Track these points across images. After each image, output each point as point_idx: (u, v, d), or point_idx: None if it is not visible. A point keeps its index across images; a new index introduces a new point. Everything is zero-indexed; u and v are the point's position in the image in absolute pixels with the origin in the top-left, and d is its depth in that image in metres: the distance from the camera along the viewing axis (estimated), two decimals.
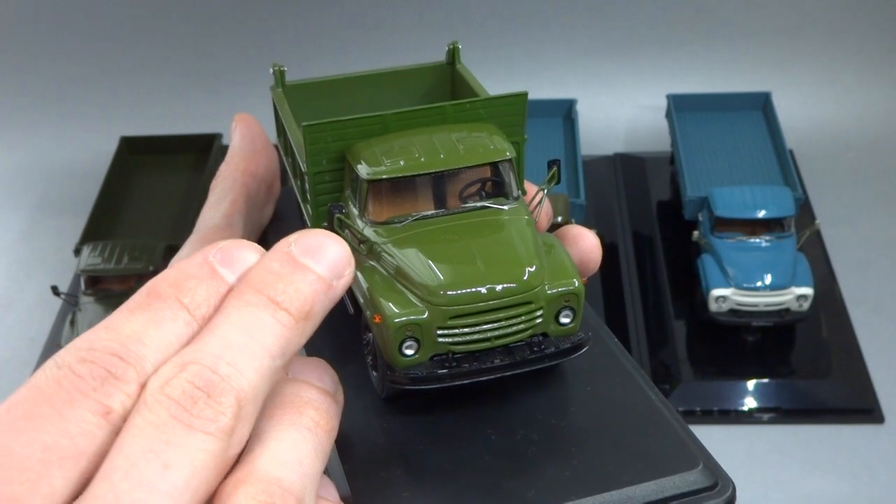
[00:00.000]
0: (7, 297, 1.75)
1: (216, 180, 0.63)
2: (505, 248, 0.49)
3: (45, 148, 2.04)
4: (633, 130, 1.99)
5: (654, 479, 0.45)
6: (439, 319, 0.47)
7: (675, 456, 0.47)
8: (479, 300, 0.47)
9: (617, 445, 0.47)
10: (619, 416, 0.49)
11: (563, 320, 0.49)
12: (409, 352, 0.47)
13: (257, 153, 0.65)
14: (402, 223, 0.50)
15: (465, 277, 0.47)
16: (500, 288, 0.47)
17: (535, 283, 0.48)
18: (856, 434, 1.43)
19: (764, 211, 1.51)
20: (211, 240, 0.57)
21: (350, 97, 0.62)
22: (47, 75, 2.10)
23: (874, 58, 2.05)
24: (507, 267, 0.48)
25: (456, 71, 0.63)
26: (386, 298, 0.47)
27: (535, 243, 0.50)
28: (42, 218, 1.91)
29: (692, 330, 1.58)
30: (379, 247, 0.49)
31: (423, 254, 0.48)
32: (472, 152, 0.51)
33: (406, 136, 0.52)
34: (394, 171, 0.50)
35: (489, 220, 0.51)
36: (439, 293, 0.47)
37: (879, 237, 1.76)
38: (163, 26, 2.09)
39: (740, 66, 2.04)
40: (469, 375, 0.47)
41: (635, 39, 2.07)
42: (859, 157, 1.92)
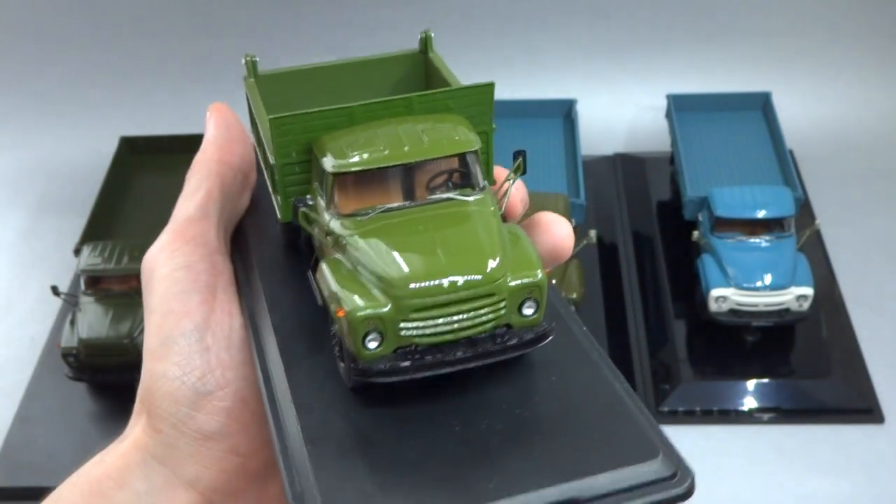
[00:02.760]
0: (7, 297, 1.75)
1: (191, 171, 0.62)
2: (468, 240, 0.49)
3: (45, 148, 2.04)
4: (633, 130, 1.99)
5: (612, 470, 0.45)
6: (402, 312, 0.46)
7: (635, 446, 0.47)
8: (441, 293, 0.47)
9: (578, 436, 0.47)
10: (581, 406, 0.49)
11: (525, 311, 0.49)
12: (372, 345, 0.47)
13: (232, 142, 0.64)
14: (367, 216, 0.50)
15: (427, 270, 0.47)
16: (462, 280, 0.47)
17: (498, 275, 0.48)
18: (856, 434, 1.43)
19: (764, 211, 1.51)
20: (185, 231, 0.57)
21: (323, 87, 0.62)
22: (47, 75, 2.10)
23: (874, 58, 2.05)
24: (469, 259, 0.48)
25: (429, 60, 0.63)
26: (349, 292, 0.47)
27: (499, 234, 0.50)
28: (42, 218, 1.91)
29: (692, 330, 1.58)
30: (344, 239, 0.49)
31: (387, 246, 0.48)
32: (437, 144, 0.51)
33: (372, 129, 0.52)
34: (358, 163, 0.50)
35: (454, 212, 0.51)
36: (401, 286, 0.46)
37: (879, 237, 1.76)
38: (163, 26, 2.09)
39: (740, 66, 2.04)
40: (432, 367, 0.47)
41: (635, 39, 2.07)
42: (859, 157, 1.92)
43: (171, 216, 0.60)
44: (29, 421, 1.50)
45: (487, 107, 0.55)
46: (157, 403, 0.54)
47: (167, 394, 0.53)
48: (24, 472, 1.42)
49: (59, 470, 1.62)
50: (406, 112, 0.53)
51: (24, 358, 1.60)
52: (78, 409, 1.50)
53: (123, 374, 1.44)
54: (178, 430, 0.54)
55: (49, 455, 1.44)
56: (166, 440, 0.54)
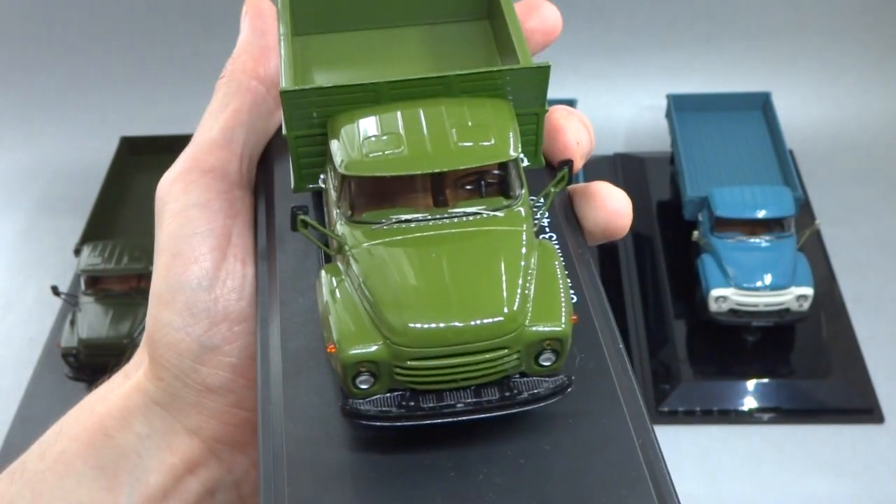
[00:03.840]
0: (7, 297, 1.75)
1: (221, 81, 0.56)
2: (486, 275, 0.42)
3: (45, 148, 2.04)
4: (633, 130, 1.99)
5: None
6: (397, 358, 0.41)
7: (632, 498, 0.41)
8: (444, 343, 0.40)
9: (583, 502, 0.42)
10: (594, 469, 0.43)
11: (542, 363, 0.43)
12: (363, 386, 0.41)
13: (267, 51, 0.56)
14: (378, 226, 0.43)
15: (432, 311, 0.41)
16: (470, 328, 0.40)
17: (512, 326, 0.41)
18: (856, 434, 1.43)
19: (764, 211, 1.51)
20: (204, 160, 0.53)
21: (367, 4, 0.53)
22: (47, 75, 2.09)
23: (874, 58, 2.05)
24: (484, 301, 0.41)
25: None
26: (341, 324, 0.41)
27: (525, 267, 0.43)
28: (42, 218, 1.91)
29: (692, 330, 1.58)
30: (349, 250, 0.43)
31: (392, 271, 0.42)
32: (468, 151, 0.44)
33: (395, 114, 0.45)
34: (372, 167, 0.43)
35: (477, 233, 0.44)
36: (399, 330, 0.40)
37: (879, 237, 1.76)
38: (163, 26, 2.09)
39: (740, 66, 2.04)
40: (426, 418, 0.42)
41: (635, 39, 2.07)
42: (859, 157, 1.92)
43: (195, 135, 0.54)
44: (29, 421, 1.50)
45: (541, 89, 0.47)
46: (159, 352, 0.51)
47: (170, 344, 0.50)
48: None
49: None
50: (442, 91, 0.46)
51: (24, 358, 1.60)
52: None
53: None
54: (181, 381, 0.51)
55: None
56: (168, 389, 0.51)
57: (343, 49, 0.53)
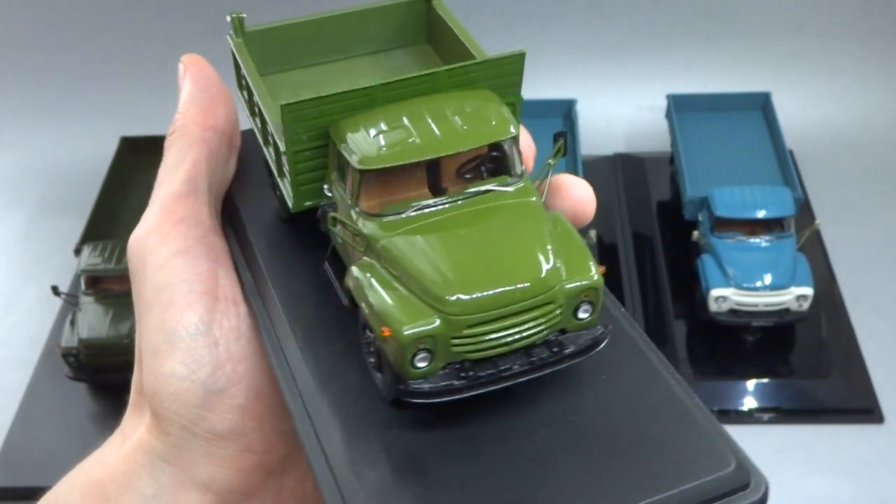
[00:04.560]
0: (7, 297, 1.75)
1: (171, 137, 0.56)
2: (517, 241, 0.45)
3: (45, 148, 2.04)
4: (633, 130, 1.99)
5: (689, 484, 0.42)
6: (454, 329, 0.43)
7: (708, 456, 0.44)
8: (496, 306, 0.43)
9: (646, 447, 0.44)
10: (642, 411, 0.46)
11: (581, 315, 0.46)
12: (421, 364, 0.43)
13: (215, 102, 0.57)
14: (401, 215, 0.46)
15: (479, 280, 0.43)
16: (517, 290, 0.43)
17: (554, 281, 0.44)
18: (856, 434, 1.43)
19: (764, 211, 1.51)
20: (174, 210, 0.53)
21: (315, 43, 0.57)
22: (47, 75, 2.09)
23: (874, 58, 2.05)
24: (522, 264, 0.44)
25: (432, 8, 0.57)
26: (393, 308, 0.43)
27: (548, 231, 0.46)
28: (42, 218, 1.91)
29: (692, 330, 1.58)
30: (379, 243, 0.45)
31: (430, 252, 0.44)
32: (474, 132, 0.47)
33: (396, 111, 0.47)
34: (389, 158, 0.45)
35: (496, 207, 0.46)
36: (452, 301, 0.42)
37: (879, 237, 1.76)
38: (163, 26, 2.09)
39: (740, 66, 2.04)
40: (488, 384, 0.43)
41: (635, 39, 2.07)
42: (859, 157, 1.92)
43: (155, 191, 0.55)
44: (29, 421, 1.50)
45: (517, 77, 0.51)
46: (164, 405, 0.50)
47: (175, 394, 0.49)
48: (24, 472, 1.42)
49: (59, 470, 1.62)
50: (431, 89, 0.48)
51: (24, 358, 1.60)
52: (78, 409, 1.50)
53: (123, 374, 1.43)
54: (189, 432, 0.50)
55: (49, 455, 1.44)
56: (176, 442, 0.50)
57: (306, 82, 0.56)
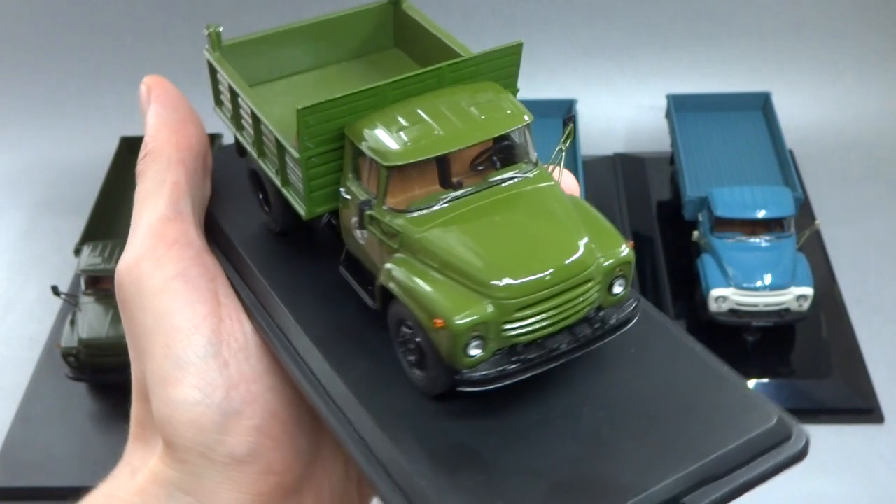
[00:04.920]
0: (7, 297, 1.75)
1: (145, 161, 0.55)
2: (550, 223, 0.46)
3: (45, 148, 2.04)
4: (633, 130, 1.99)
5: (738, 442, 0.44)
6: (506, 314, 0.43)
7: (750, 414, 0.46)
8: (544, 286, 0.44)
9: (689, 412, 0.45)
10: (677, 379, 0.47)
11: (616, 290, 0.47)
12: (475, 352, 0.43)
13: (185, 122, 0.56)
14: (432, 208, 0.46)
15: (524, 263, 0.44)
16: (561, 270, 0.44)
17: (592, 259, 0.45)
18: (856, 434, 1.43)
19: (764, 211, 1.51)
20: (164, 234, 0.52)
21: (287, 53, 0.58)
22: (47, 75, 2.10)
23: (874, 58, 2.05)
24: (560, 246, 0.45)
25: (402, 11, 0.59)
26: (442, 298, 0.43)
27: (574, 211, 0.47)
28: (42, 218, 1.91)
29: (692, 330, 1.56)
30: (414, 238, 0.45)
31: (469, 242, 0.45)
32: (494, 121, 0.48)
33: (410, 108, 0.48)
34: (416, 152, 0.46)
35: (521, 193, 0.47)
36: (502, 286, 0.43)
37: (879, 237, 1.76)
38: (163, 26, 2.09)
39: (740, 66, 2.04)
40: (540, 365, 0.44)
41: (635, 39, 2.07)
42: (859, 157, 1.92)
43: (136, 217, 0.53)
44: (29, 421, 1.50)
45: (515, 68, 0.52)
46: (179, 433, 0.48)
47: (190, 421, 0.48)
48: (24, 472, 1.42)
49: (59, 470, 1.62)
50: (437, 84, 0.50)
51: (24, 358, 1.60)
52: (78, 409, 1.50)
53: (123, 374, 1.43)
54: (207, 459, 0.48)
55: (49, 455, 1.44)
56: (194, 470, 0.49)
57: (283, 92, 0.57)
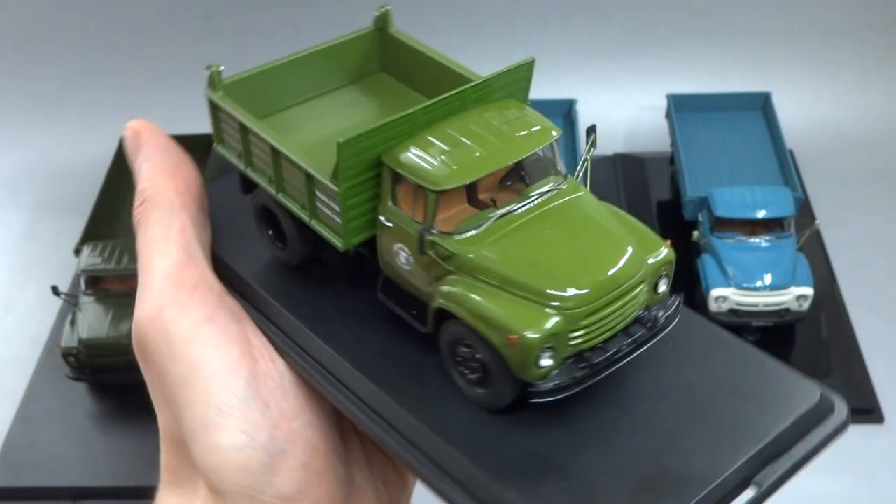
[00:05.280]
0: (7, 297, 1.75)
1: (143, 209, 0.54)
2: (597, 232, 0.48)
3: (45, 148, 2.04)
4: (633, 130, 1.99)
5: (791, 420, 0.47)
6: (573, 323, 0.45)
7: (796, 393, 0.48)
8: (604, 293, 0.46)
9: (740, 397, 0.48)
10: (721, 367, 0.49)
11: (661, 288, 0.49)
12: (546, 363, 0.45)
13: (181, 165, 0.56)
14: (481, 228, 0.48)
15: (583, 273, 0.46)
16: (618, 275, 0.46)
17: (641, 261, 0.48)
18: (856, 434, 1.43)
19: (764, 211, 1.51)
20: (184, 280, 0.51)
21: (287, 84, 0.59)
22: (47, 75, 2.10)
23: (874, 58, 2.05)
24: (612, 251, 0.47)
25: (389, 36, 0.60)
26: (512, 314, 0.45)
27: (613, 218, 0.50)
28: (42, 218, 1.91)
29: None
30: (469, 258, 0.47)
31: (526, 256, 0.47)
32: (530, 137, 0.50)
33: (442, 131, 0.49)
34: (464, 174, 0.47)
35: (561, 205, 0.50)
36: (568, 296, 0.45)
37: (879, 237, 1.76)
38: (162, 27, 2.09)
39: (740, 66, 2.04)
40: (605, 369, 0.46)
41: (635, 39, 2.07)
42: (859, 157, 1.92)
43: (147, 266, 0.52)
44: (29, 421, 1.50)
45: (527, 83, 0.55)
46: (228, 479, 0.48)
47: (239, 466, 0.48)
48: (24, 472, 1.42)
49: (59, 470, 1.62)
50: (461, 106, 0.51)
51: (24, 358, 1.60)
52: (78, 409, 1.50)
53: (123, 374, 1.44)
54: (257, 501, 0.48)
55: (49, 455, 1.44)
56: None
57: (285, 126, 0.58)
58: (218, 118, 0.56)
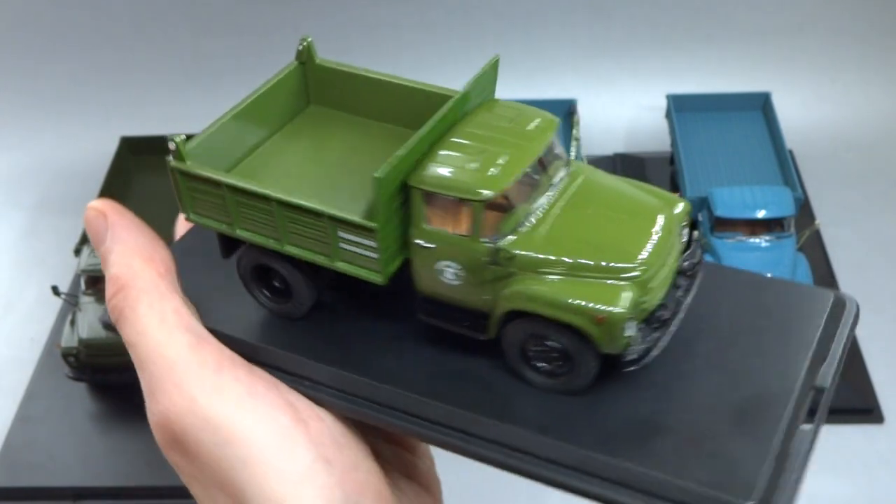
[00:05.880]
0: (7, 297, 1.75)
1: (123, 298, 0.51)
2: (626, 199, 0.51)
3: (45, 148, 2.04)
4: (633, 130, 1.99)
5: (822, 325, 0.51)
6: (643, 289, 0.48)
7: (814, 302, 0.52)
8: (661, 254, 0.49)
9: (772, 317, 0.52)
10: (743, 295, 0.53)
11: (684, 238, 0.52)
12: (630, 332, 0.47)
13: (155, 245, 0.53)
14: (527, 224, 0.49)
15: (637, 241, 0.49)
16: (664, 234, 0.50)
17: (672, 215, 0.51)
18: (856, 434, 1.43)
19: (764, 211, 1.51)
20: (204, 361, 0.49)
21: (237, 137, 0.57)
22: (47, 75, 2.10)
23: (874, 58, 2.05)
24: (647, 214, 0.50)
25: (317, 66, 0.59)
26: (592, 297, 0.47)
27: (629, 185, 0.53)
28: (42, 218, 1.91)
29: None
30: (530, 256, 0.48)
31: (584, 240, 0.49)
32: (539, 129, 0.52)
33: (452, 145, 0.50)
34: (501, 180, 0.48)
35: (581, 184, 0.52)
36: (634, 266, 0.48)
37: (879, 237, 1.76)
38: (162, 27, 2.09)
39: (740, 66, 2.04)
40: (672, 320, 0.49)
41: (635, 39, 2.07)
42: (859, 157, 1.92)
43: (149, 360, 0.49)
44: (29, 421, 1.50)
45: (494, 83, 0.57)
46: None
47: None
48: (24, 472, 1.42)
49: (59, 470, 1.61)
50: (455, 117, 0.52)
51: (24, 358, 1.60)
52: (78, 409, 1.50)
53: (123, 374, 1.44)
54: None
55: (49, 455, 1.44)
56: None
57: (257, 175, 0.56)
58: (186, 188, 0.53)
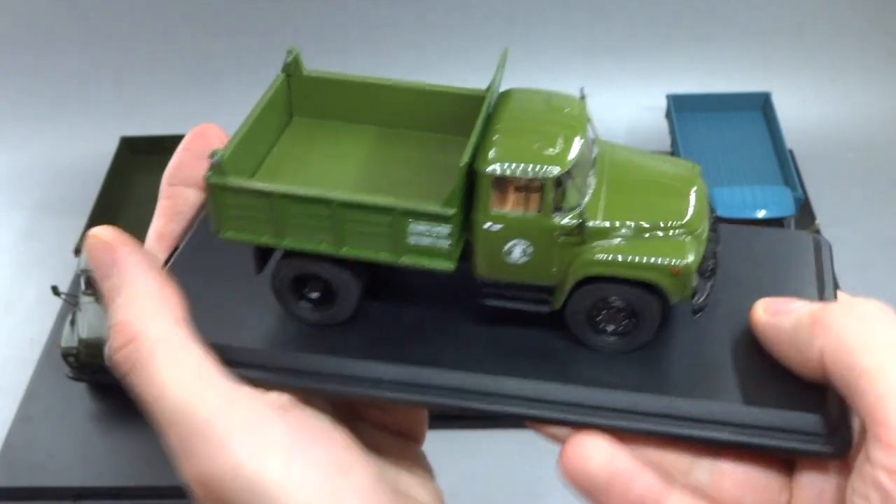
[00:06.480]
0: (7, 297, 1.75)
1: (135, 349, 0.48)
2: (658, 165, 0.56)
3: (45, 148, 2.04)
4: (633, 130, 1.99)
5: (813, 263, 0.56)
6: (700, 240, 0.52)
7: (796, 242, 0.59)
8: (701, 209, 0.53)
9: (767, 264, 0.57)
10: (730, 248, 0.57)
11: None
12: (696, 281, 0.51)
13: (169, 288, 0.49)
14: (588, 193, 0.52)
15: (685, 196, 0.53)
16: (699, 190, 0.54)
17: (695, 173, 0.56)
18: None
19: (764, 211, 1.51)
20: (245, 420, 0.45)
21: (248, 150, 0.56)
22: (47, 75, 2.09)
23: (874, 58, 2.05)
24: (679, 175, 0.55)
25: (304, 78, 0.59)
26: (664, 252, 0.51)
27: (648, 154, 0.58)
28: (42, 218, 1.91)
29: None
30: (600, 225, 0.51)
31: (637, 203, 0.52)
32: (573, 108, 0.55)
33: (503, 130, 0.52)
34: (564, 155, 0.51)
35: (613, 156, 0.56)
36: (689, 219, 0.52)
37: (879, 237, 1.76)
38: (162, 26, 2.09)
39: (740, 66, 2.04)
40: (716, 269, 0.54)
41: (635, 39, 2.07)
42: (859, 157, 1.92)
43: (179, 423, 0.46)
44: (29, 421, 1.50)
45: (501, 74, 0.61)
46: None
47: None
48: (24, 472, 1.42)
49: (59, 470, 1.61)
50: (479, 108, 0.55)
51: (24, 358, 1.60)
52: (78, 409, 1.50)
53: None
54: None
55: (49, 455, 1.44)
56: None
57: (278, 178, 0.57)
58: (224, 204, 0.51)
